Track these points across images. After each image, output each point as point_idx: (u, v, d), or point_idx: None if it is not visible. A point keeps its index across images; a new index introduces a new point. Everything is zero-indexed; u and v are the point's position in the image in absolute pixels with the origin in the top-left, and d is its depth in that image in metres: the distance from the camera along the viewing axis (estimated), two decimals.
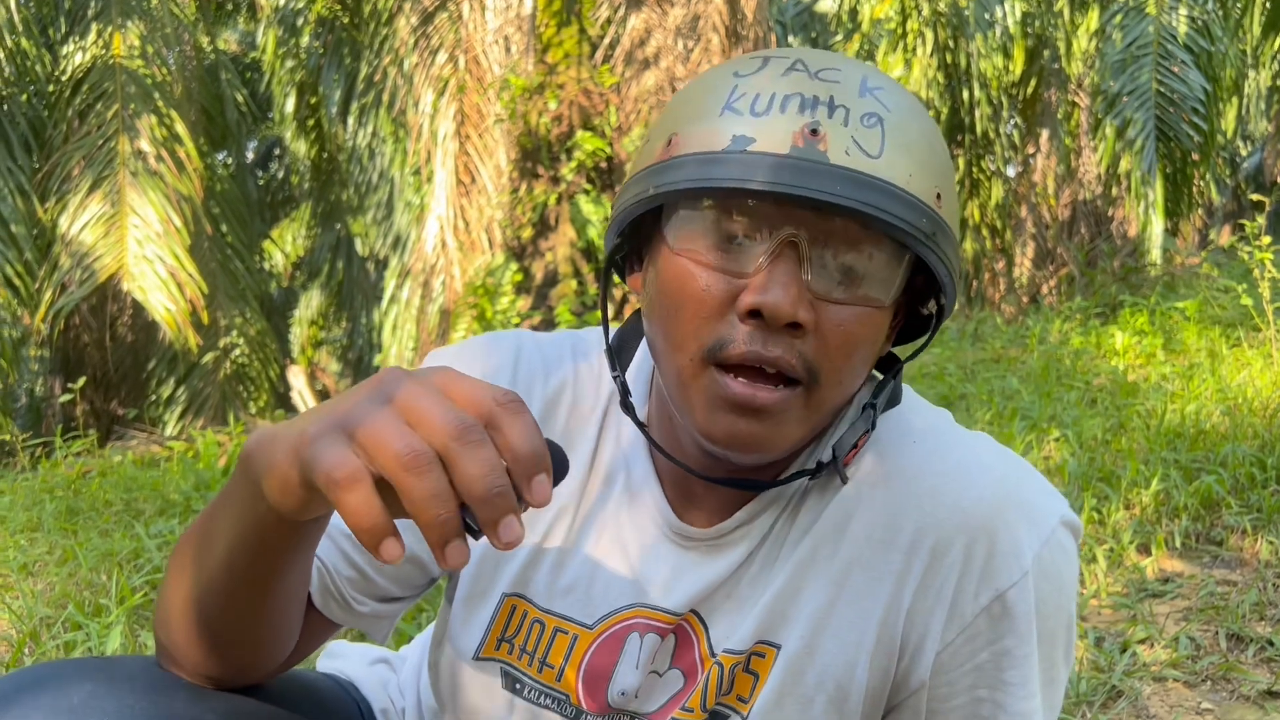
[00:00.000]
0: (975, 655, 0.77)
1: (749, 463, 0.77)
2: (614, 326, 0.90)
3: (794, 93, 0.71)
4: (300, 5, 9.33)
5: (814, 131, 0.70)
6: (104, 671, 0.75)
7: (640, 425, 0.83)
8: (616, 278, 0.87)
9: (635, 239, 0.82)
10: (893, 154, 0.70)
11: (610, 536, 0.85)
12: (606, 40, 6.67)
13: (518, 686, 0.86)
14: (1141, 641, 1.99)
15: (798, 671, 0.79)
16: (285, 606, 0.77)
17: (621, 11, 6.55)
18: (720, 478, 0.80)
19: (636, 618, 0.83)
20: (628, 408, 0.83)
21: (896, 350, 0.85)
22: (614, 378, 0.84)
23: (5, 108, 7.39)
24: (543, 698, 0.85)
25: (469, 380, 0.56)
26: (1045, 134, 8.82)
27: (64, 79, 7.60)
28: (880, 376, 0.84)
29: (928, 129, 0.74)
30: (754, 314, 0.70)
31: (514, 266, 6.96)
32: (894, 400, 0.84)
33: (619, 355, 0.87)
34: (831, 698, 0.79)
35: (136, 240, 6.97)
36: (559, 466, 0.61)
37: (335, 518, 0.84)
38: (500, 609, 0.86)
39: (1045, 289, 8.60)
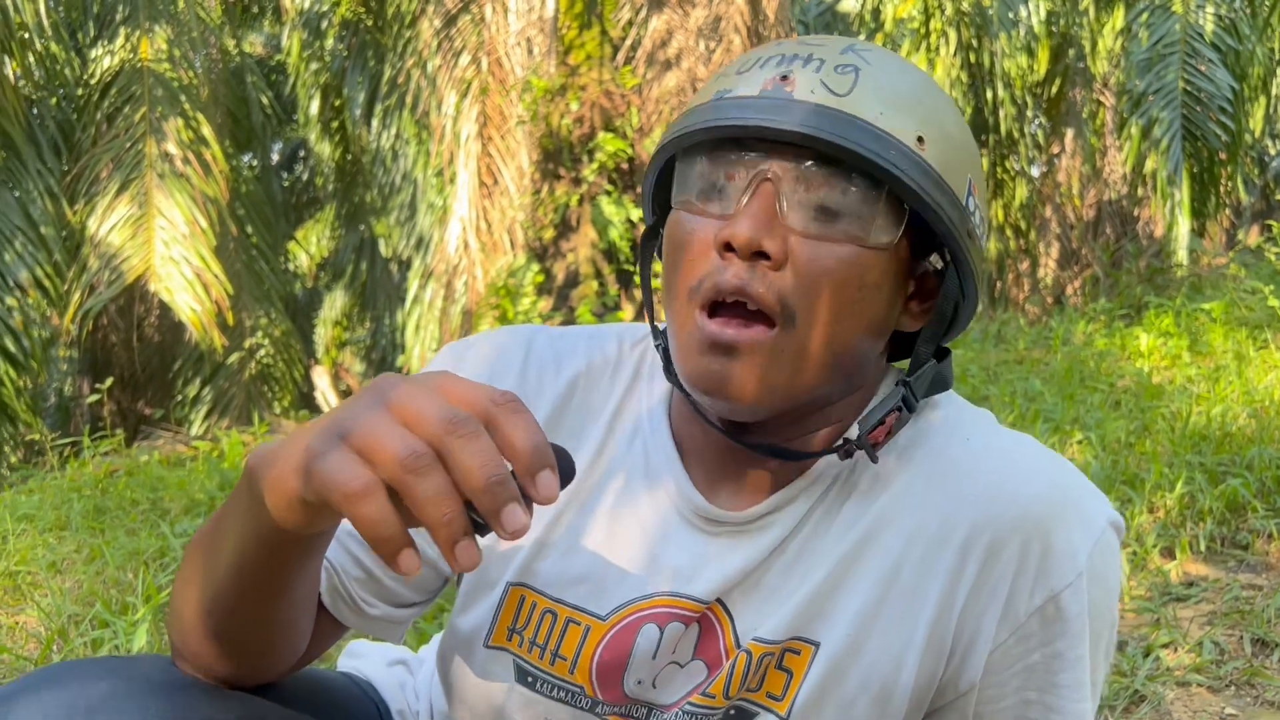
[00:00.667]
0: (1027, 656, 0.76)
1: (730, 412, 0.77)
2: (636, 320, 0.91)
3: (776, 54, 0.76)
4: (324, 8, 9.39)
5: (784, 77, 0.73)
6: (122, 671, 0.75)
7: (685, 392, 0.82)
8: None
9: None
10: (862, 93, 0.72)
11: (626, 523, 0.84)
12: (628, 42, 6.68)
13: (530, 680, 0.85)
14: (1165, 646, 1.98)
15: (840, 671, 0.78)
16: (294, 611, 0.77)
17: (643, 13, 6.56)
18: (748, 444, 0.80)
19: (657, 607, 0.81)
20: (673, 377, 0.83)
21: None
22: (655, 346, 0.85)
23: (35, 111, 7.48)
24: (556, 691, 0.84)
25: (465, 382, 0.57)
26: (1070, 133, 8.75)
27: (93, 82, 7.69)
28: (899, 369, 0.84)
29: (918, 85, 0.76)
30: (729, 247, 0.72)
31: (535, 267, 6.98)
32: (942, 385, 0.82)
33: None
34: (875, 698, 0.78)
35: (163, 241, 7.04)
36: (566, 468, 0.60)
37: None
38: (506, 599, 0.85)
39: (1070, 290, 8.54)
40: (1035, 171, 8.87)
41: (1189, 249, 6.71)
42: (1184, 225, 6.59)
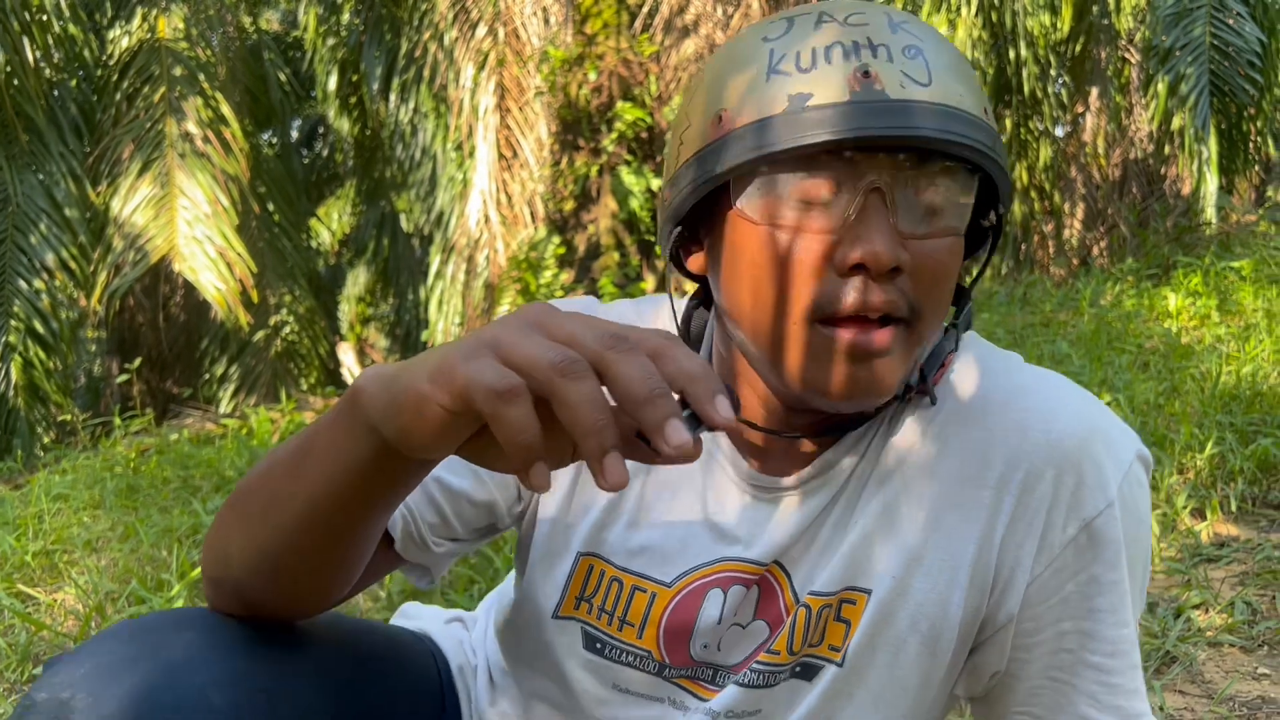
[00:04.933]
0: (1061, 589, 0.77)
1: (858, 409, 0.77)
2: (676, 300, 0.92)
3: (833, 42, 0.72)
4: None
5: (866, 73, 0.71)
6: (199, 624, 0.75)
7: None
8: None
9: (689, 220, 0.82)
10: (941, 78, 0.72)
11: (686, 494, 0.86)
12: (645, 9, 6.62)
13: (598, 646, 0.88)
14: (1196, 607, 1.97)
15: (889, 614, 0.80)
16: (362, 547, 0.75)
17: None
18: (797, 433, 0.82)
19: (720, 572, 0.84)
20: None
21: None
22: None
23: (56, 93, 7.51)
24: (624, 656, 0.87)
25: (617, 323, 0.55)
26: (1095, 92, 8.60)
27: (111, 63, 7.71)
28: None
29: (956, 52, 0.77)
30: (857, 267, 0.71)
31: (556, 239, 6.97)
32: (968, 324, 0.84)
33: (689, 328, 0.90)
34: (925, 638, 0.80)
35: (186, 221, 7.07)
36: (735, 399, 0.57)
37: None
38: (576, 568, 0.88)
39: (1096, 251, 8.44)
40: (1059, 132, 8.74)
41: (1217, 206, 6.60)
42: (1212, 182, 6.47)
